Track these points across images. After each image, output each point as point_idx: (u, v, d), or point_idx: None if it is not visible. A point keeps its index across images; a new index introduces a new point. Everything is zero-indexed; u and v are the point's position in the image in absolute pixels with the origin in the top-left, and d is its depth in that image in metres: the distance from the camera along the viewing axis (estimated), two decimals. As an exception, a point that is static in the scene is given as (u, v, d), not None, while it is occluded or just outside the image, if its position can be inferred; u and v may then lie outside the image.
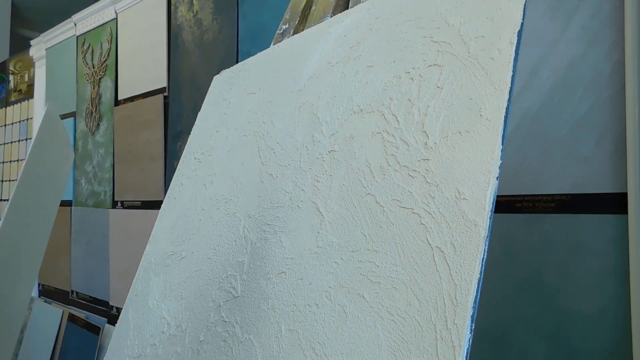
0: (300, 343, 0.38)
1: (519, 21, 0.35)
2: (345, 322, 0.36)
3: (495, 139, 0.33)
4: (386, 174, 0.39)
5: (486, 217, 0.31)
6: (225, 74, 0.70)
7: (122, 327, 0.61)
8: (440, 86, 0.38)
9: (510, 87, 0.34)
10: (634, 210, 0.57)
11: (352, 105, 0.45)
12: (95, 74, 1.66)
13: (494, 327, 0.69)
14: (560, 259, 0.64)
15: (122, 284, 1.46)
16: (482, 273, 0.30)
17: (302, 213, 0.44)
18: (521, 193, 0.68)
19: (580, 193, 0.63)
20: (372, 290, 0.35)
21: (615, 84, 0.61)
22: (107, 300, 1.51)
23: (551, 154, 0.66)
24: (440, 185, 0.34)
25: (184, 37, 1.32)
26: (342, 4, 0.58)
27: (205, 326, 0.48)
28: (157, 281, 0.59)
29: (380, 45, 0.45)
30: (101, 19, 1.65)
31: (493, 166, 0.32)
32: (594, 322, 0.61)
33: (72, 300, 1.68)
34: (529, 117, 0.68)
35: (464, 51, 0.38)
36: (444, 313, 0.30)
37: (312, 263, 0.41)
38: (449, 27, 0.40)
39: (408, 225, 0.35)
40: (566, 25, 0.65)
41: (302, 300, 0.40)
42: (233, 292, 0.47)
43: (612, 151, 0.61)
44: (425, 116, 0.38)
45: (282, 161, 0.50)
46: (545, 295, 0.65)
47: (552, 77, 0.66)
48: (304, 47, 0.56)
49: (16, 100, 2.19)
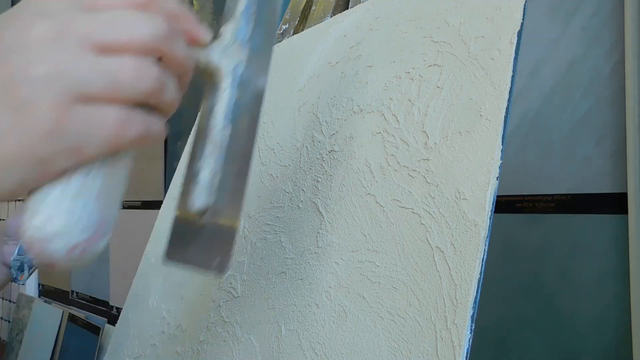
0: (300, 343, 0.38)
1: (519, 21, 0.35)
2: (345, 322, 0.36)
3: (496, 139, 0.33)
4: (386, 174, 0.39)
5: (486, 217, 0.31)
6: (225, 74, 0.70)
7: (122, 327, 0.61)
8: (440, 86, 0.38)
9: (510, 87, 0.34)
10: (634, 210, 0.57)
11: (352, 105, 0.45)
12: (95, 74, 1.66)
13: (494, 327, 0.69)
14: (560, 259, 0.64)
15: (122, 284, 1.46)
16: (482, 273, 0.30)
17: (302, 213, 0.44)
18: (521, 193, 0.68)
19: (580, 193, 0.63)
20: (372, 290, 0.35)
21: (615, 84, 0.61)
22: (107, 300, 1.51)
23: (551, 154, 0.66)
24: (440, 185, 0.34)
25: (184, 37, 1.31)
26: (342, 4, 0.58)
27: (205, 326, 0.48)
28: (157, 281, 0.59)
29: (380, 45, 0.45)
30: (101, 19, 1.65)
31: (493, 166, 0.32)
32: (593, 322, 0.61)
33: (72, 300, 1.68)
34: (529, 117, 0.68)
35: (464, 51, 0.38)
36: (444, 313, 0.30)
37: (312, 263, 0.41)
38: (449, 27, 0.40)
39: (408, 225, 0.35)
40: (566, 25, 0.65)
41: (302, 300, 0.40)
42: (233, 292, 0.47)
43: (612, 151, 0.61)
44: (425, 116, 0.38)
45: (282, 161, 0.50)
46: (545, 295, 0.65)
47: (552, 77, 0.66)
48: (304, 47, 0.56)
49: (16, 100, 2.19)
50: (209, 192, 0.29)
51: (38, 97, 0.21)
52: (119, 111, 0.22)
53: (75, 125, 0.21)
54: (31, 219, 0.22)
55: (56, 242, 0.22)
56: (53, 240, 0.22)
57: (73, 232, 0.23)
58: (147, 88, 0.23)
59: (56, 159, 0.22)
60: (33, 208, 0.22)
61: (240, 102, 0.30)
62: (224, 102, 0.29)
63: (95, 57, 0.22)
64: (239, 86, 0.29)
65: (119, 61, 0.22)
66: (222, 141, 0.29)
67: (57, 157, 0.22)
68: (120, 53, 0.22)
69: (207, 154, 0.29)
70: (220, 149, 0.29)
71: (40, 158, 0.21)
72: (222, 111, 0.29)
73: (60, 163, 0.22)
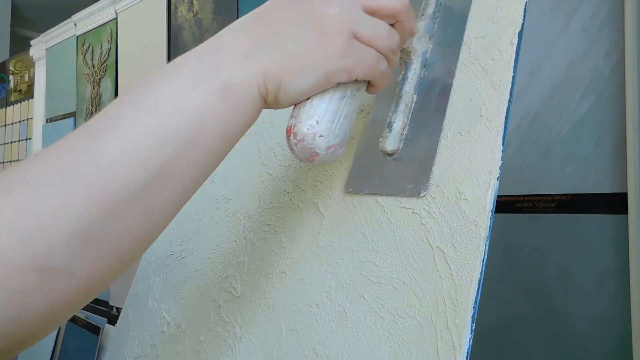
0: (300, 343, 0.38)
1: (520, 22, 0.35)
2: (346, 322, 0.36)
3: (496, 140, 0.33)
4: (386, 174, 0.39)
5: (487, 217, 0.31)
6: (225, 74, 0.70)
7: (122, 327, 0.61)
8: (440, 86, 0.38)
9: (510, 88, 0.34)
10: (634, 210, 0.57)
11: (352, 105, 0.45)
12: (95, 74, 1.66)
13: (494, 327, 0.69)
14: (560, 259, 0.64)
15: (122, 284, 1.46)
16: (483, 273, 0.30)
17: (302, 213, 0.44)
18: (521, 193, 0.68)
19: (580, 193, 0.63)
20: (373, 290, 0.35)
21: (615, 84, 0.61)
22: (107, 300, 1.51)
23: (551, 154, 0.66)
24: (440, 186, 0.34)
25: (184, 37, 1.32)
26: (342, 4, 0.58)
27: (205, 326, 0.48)
28: (157, 281, 0.59)
29: (381, 46, 0.45)
30: (101, 19, 1.65)
31: (494, 166, 0.32)
32: (593, 322, 0.61)
33: (72, 300, 1.68)
34: (529, 117, 0.68)
35: (465, 51, 0.38)
36: (445, 313, 0.30)
37: (312, 263, 0.41)
38: (450, 27, 0.40)
39: (408, 225, 0.35)
40: (566, 25, 0.65)
41: (303, 300, 0.40)
42: (233, 292, 0.47)
43: (612, 151, 0.61)
44: (425, 116, 0.38)
45: (283, 161, 0.50)
46: (545, 295, 0.65)
47: (552, 77, 0.66)
48: (304, 47, 0.56)
49: (16, 100, 2.19)
50: (399, 139, 0.38)
51: (334, 27, 0.30)
52: (376, 53, 0.33)
53: (353, 51, 0.31)
54: (306, 120, 0.32)
55: (321, 140, 0.32)
56: (319, 138, 0.32)
57: (331, 135, 0.32)
58: (392, 44, 0.34)
59: (338, 72, 0.31)
60: (307, 113, 0.32)
61: (425, 78, 0.39)
62: (414, 76, 0.40)
63: (367, 16, 0.32)
64: (424, 66, 0.40)
65: (380, 23, 0.33)
66: (410, 104, 0.39)
67: (339, 71, 0.31)
68: (381, 17, 0.33)
69: (399, 111, 0.39)
70: (409, 110, 0.39)
71: (330, 69, 0.31)
72: (413, 83, 0.39)
73: (338, 76, 0.31)
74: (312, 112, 0.32)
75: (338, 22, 0.30)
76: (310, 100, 0.32)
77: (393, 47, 0.34)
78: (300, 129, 0.32)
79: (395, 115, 0.39)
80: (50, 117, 1.92)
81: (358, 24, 0.31)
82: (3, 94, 2.29)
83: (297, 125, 0.32)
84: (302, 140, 0.31)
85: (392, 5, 0.33)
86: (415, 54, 0.40)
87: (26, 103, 2.10)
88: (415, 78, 0.39)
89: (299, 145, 0.32)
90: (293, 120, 0.32)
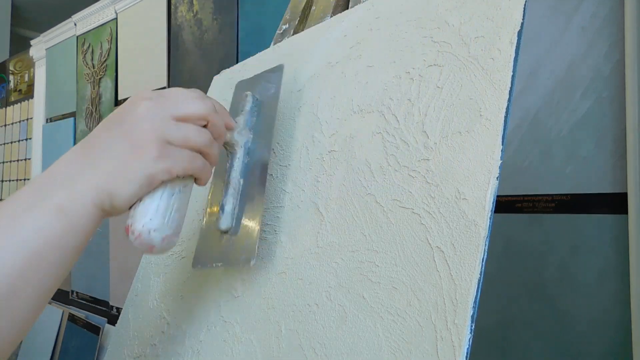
0: (300, 343, 0.38)
1: (519, 21, 0.35)
2: (346, 322, 0.36)
3: (496, 139, 0.33)
4: (386, 174, 0.39)
5: (486, 217, 0.31)
6: (225, 74, 0.70)
7: (122, 327, 0.61)
8: (440, 86, 0.38)
9: (510, 87, 0.33)
10: (634, 210, 0.57)
11: (352, 105, 0.45)
12: (95, 74, 1.66)
13: (494, 327, 0.69)
14: (560, 259, 0.64)
15: (122, 284, 1.46)
16: (482, 273, 0.30)
17: (302, 213, 0.44)
18: (521, 193, 0.68)
19: (580, 193, 0.63)
20: (372, 290, 0.35)
21: (615, 84, 0.61)
22: (107, 300, 1.51)
23: (551, 154, 0.66)
24: (440, 185, 0.34)
25: (184, 37, 1.32)
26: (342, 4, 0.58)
27: (205, 326, 0.48)
28: (157, 281, 0.59)
29: (380, 45, 0.45)
30: (101, 19, 1.65)
31: (493, 166, 0.32)
32: (594, 322, 0.61)
33: (72, 300, 1.68)
34: (529, 117, 0.68)
35: (464, 51, 0.38)
36: (444, 313, 0.30)
37: (312, 263, 0.41)
38: (449, 27, 0.40)
39: (408, 225, 0.35)
40: (566, 25, 0.65)
41: (302, 300, 0.40)
42: (233, 292, 0.47)
43: (612, 151, 0.61)
44: (425, 116, 0.38)
45: (282, 161, 0.50)
46: (545, 295, 0.65)
47: (552, 77, 0.66)
48: (303, 47, 0.56)
49: (16, 100, 2.19)
50: (231, 218, 0.46)
51: (147, 138, 0.36)
52: (190, 152, 0.38)
53: (168, 154, 0.36)
54: (141, 219, 0.36)
55: (155, 234, 0.36)
56: (154, 232, 0.36)
57: (164, 228, 0.36)
58: (204, 141, 0.39)
59: (158, 173, 0.36)
60: (141, 213, 0.36)
61: (248, 164, 0.47)
62: (239, 163, 0.47)
63: (177, 123, 0.37)
64: (247, 154, 0.47)
65: (189, 126, 0.38)
66: (238, 187, 0.47)
67: (159, 172, 0.36)
68: (192, 121, 0.38)
69: (229, 194, 0.46)
70: (237, 192, 0.47)
71: (150, 172, 0.35)
72: (238, 169, 0.47)
73: (160, 176, 0.36)
74: (145, 211, 0.36)
75: (149, 133, 0.36)
76: (142, 201, 0.36)
77: (206, 144, 0.39)
78: (136, 227, 0.36)
79: (226, 198, 0.46)
80: (50, 117, 1.92)
81: (167, 131, 0.36)
82: (3, 94, 2.29)
83: (134, 224, 0.36)
84: (140, 236, 0.36)
85: (197, 112, 0.38)
86: (238, 145, 0.46)
87: (26, 103, 2.10)
88: (240, 165, 0.47)
89: (136, 241, 0.36)
90: (130, 220, 0.36)
